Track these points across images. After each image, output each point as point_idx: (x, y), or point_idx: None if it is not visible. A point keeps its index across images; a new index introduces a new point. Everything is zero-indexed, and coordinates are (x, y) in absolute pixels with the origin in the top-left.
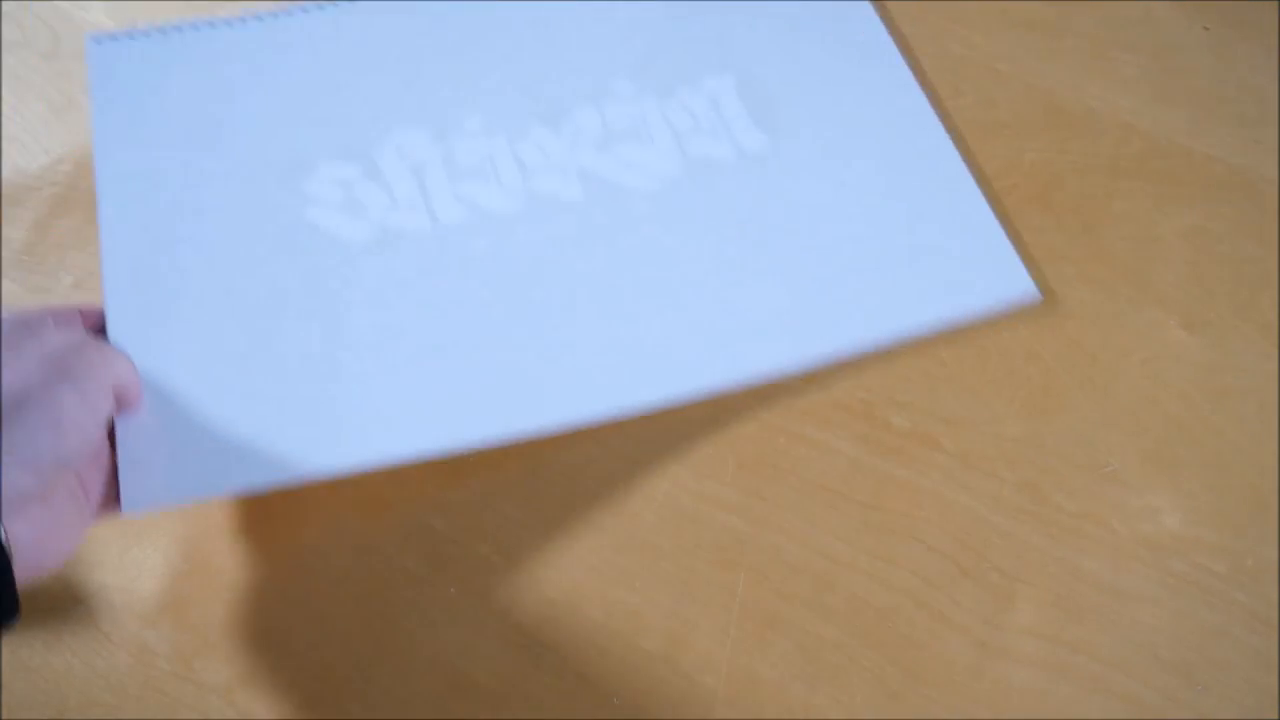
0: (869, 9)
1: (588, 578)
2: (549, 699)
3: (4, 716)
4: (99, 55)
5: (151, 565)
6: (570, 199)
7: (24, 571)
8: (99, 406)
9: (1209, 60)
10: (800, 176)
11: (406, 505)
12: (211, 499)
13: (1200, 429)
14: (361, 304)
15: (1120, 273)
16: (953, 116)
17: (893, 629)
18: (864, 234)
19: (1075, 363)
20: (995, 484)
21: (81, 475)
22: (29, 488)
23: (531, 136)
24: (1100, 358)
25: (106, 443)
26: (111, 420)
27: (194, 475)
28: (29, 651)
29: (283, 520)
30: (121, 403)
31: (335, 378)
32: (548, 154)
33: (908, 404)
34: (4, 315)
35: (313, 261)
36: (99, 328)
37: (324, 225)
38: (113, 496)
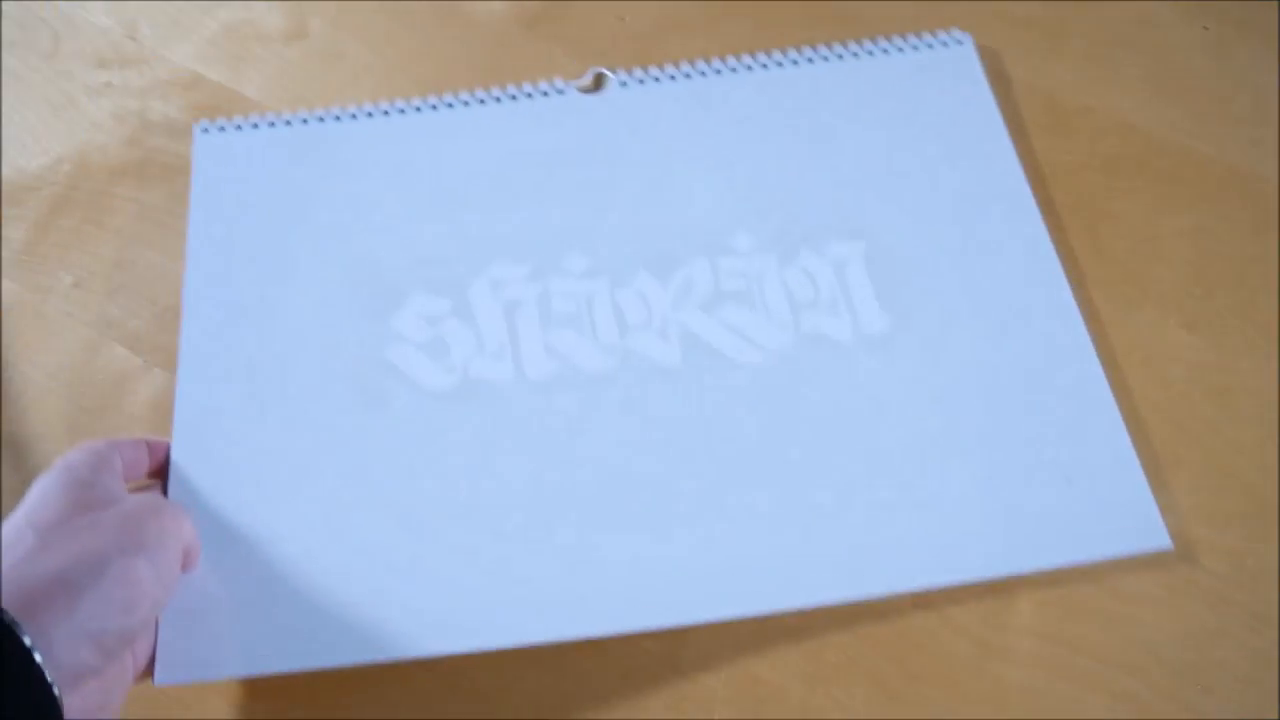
0: (1026, 191)
1: None
2: (549, 699)
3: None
4: (205, 144)
5: None
6: (667, 364)
7: None
8: (170, 580)
9: (1209, 60)
10: (922, 371)
11: None
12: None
13: (1200, 429)
14: (432, 468)
15: (1120, 273)
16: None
17: (893, 629)
18: (984, 447)
19: None
20: None
21: (135, 645)
22: (92, 664)
23: (635, 284)
24: (1100, 357)
25: None
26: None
27: (236, 652)
28: None
29: None
30: (183, 568)
31: (393, 559)
32: (650, 306)
33: None
34: (77, 454)
35: (387, 414)
36: (163, 461)
37: (404, 368)
38: (150, 662)
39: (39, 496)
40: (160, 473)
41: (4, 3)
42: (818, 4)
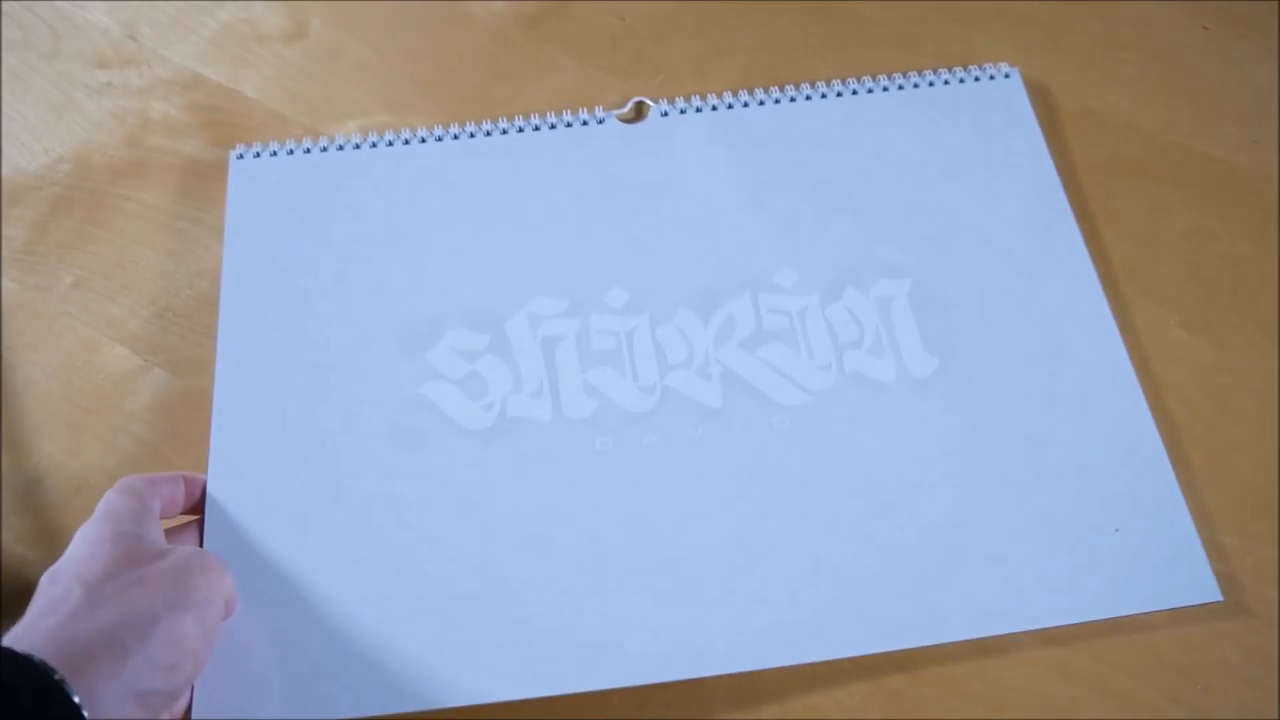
0: (1075, 231)
1: None
2: (549, 699)
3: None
4: (240, 171)
5: None
6: (708, 403)
7: None
8: (214, 636)
9: (1209, 60)
10: (967, 415)
11: None
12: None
13: (1200, 429)
14: (469, 510)
15: (1120, 273)
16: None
17: None
18: (1031, 495)
19: None
20: None
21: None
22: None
23: (676, 320)
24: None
25: None
26: None
27: (273, 694)
28: None
29: None
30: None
31: (429, 604)
32: (691, 344)
33: None
34: (119, 499)
35: (424, 453)
36: (199, 497)
37: (441, 405)
38: (188, 710)
39: (86, 549)
40: (196, 509)
41: (4, 3)
42: (816, 3)
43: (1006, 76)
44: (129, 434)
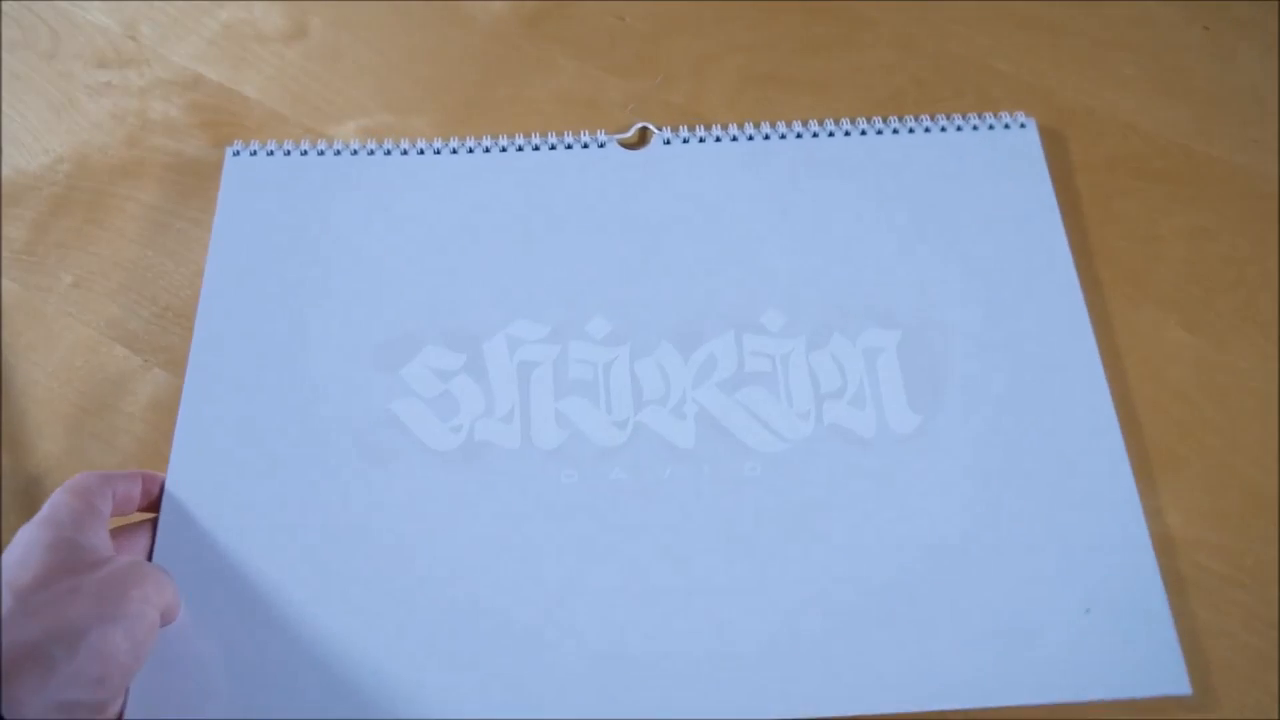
0: (1078, 297)
1: None
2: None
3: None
4: (234, 167)
5: None
6: (680, 444)
7: None
8: (145, 649)
9: (1209, 60)
10: (946, 479)
11: None
12: None
13: (1200, 429)
14: (428, 530)
15: (1120, 273)
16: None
17: None
18: (1005, 568)
19: None
20: None
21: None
22: None
23: (656, 355)
24: (1100, 357)
25: None
26: None
27: (211, 698)
28: None
29: None
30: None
31: (379, 619)
32: (669, 381)
33: None
34: (64, 500)
35: (388, 470)
36: (157, 495)
37: (409, 423)
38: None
39: (19, 555)
40: (154, 506)
41: (4, 3)
42: (816, 3)
43: (1023, 126)
44: (129, 434)
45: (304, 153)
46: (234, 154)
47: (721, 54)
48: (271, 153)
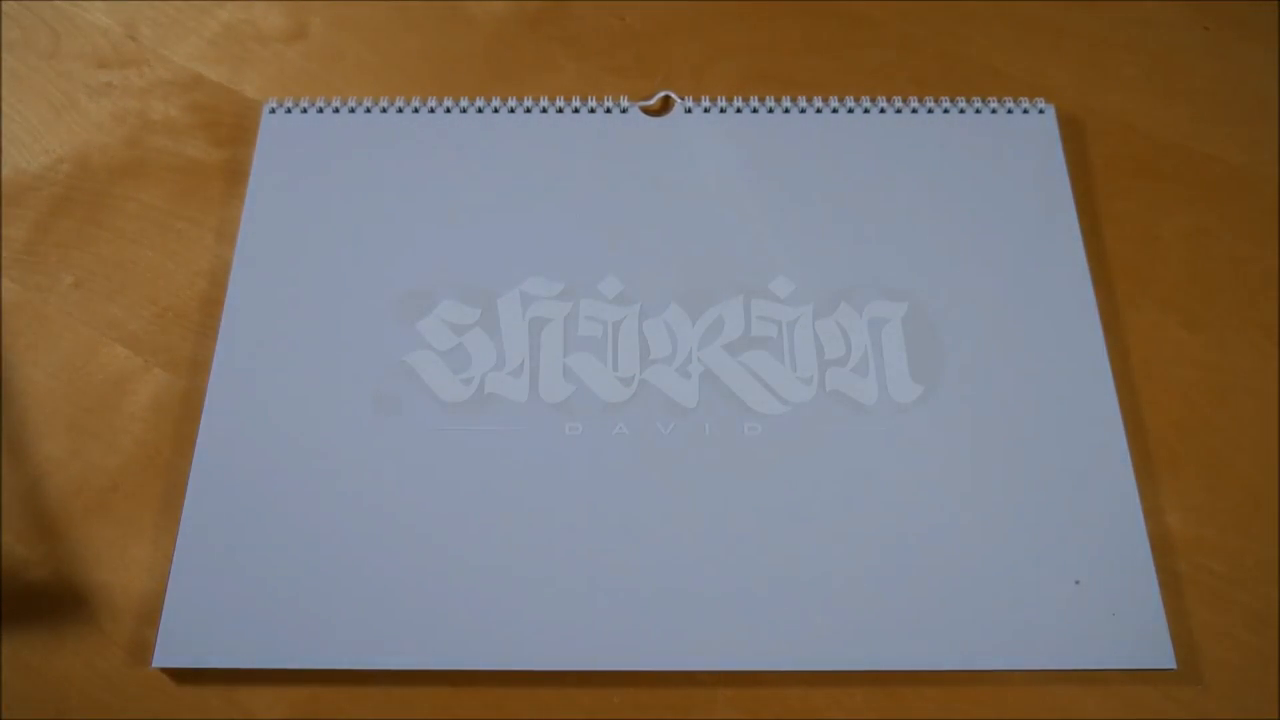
0: (1086, 281)
1: None
2: (549, 699)
3: (5, 716)
4: (270, 125)
5: (151, 564)
6: (682, 402)
7: None
8: None
9: (1209, 60)
10: (944, 448)
11: None
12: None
13: (1200, 429)
14: (437, 479)
15: (1120, 273)
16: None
17: None
18: (993, 536)
19: None
20: None
21: None
22: None
23: (665, 315)
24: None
25: None
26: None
27: (237, 643)
28: (29, 651)
29: None
30: None
31: (391, 566)
32: (676, 341)
33: None
34: None
35: (399, 419)
36: None
37: (422, 374)
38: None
39: None
40: None
41: (4, 3)
42: (816, 3)
43: (1041, 112)
44: (129, 434)
45: (336, 110)
46: (270, 111)
47: (721, 54)
48: (305, 110)
